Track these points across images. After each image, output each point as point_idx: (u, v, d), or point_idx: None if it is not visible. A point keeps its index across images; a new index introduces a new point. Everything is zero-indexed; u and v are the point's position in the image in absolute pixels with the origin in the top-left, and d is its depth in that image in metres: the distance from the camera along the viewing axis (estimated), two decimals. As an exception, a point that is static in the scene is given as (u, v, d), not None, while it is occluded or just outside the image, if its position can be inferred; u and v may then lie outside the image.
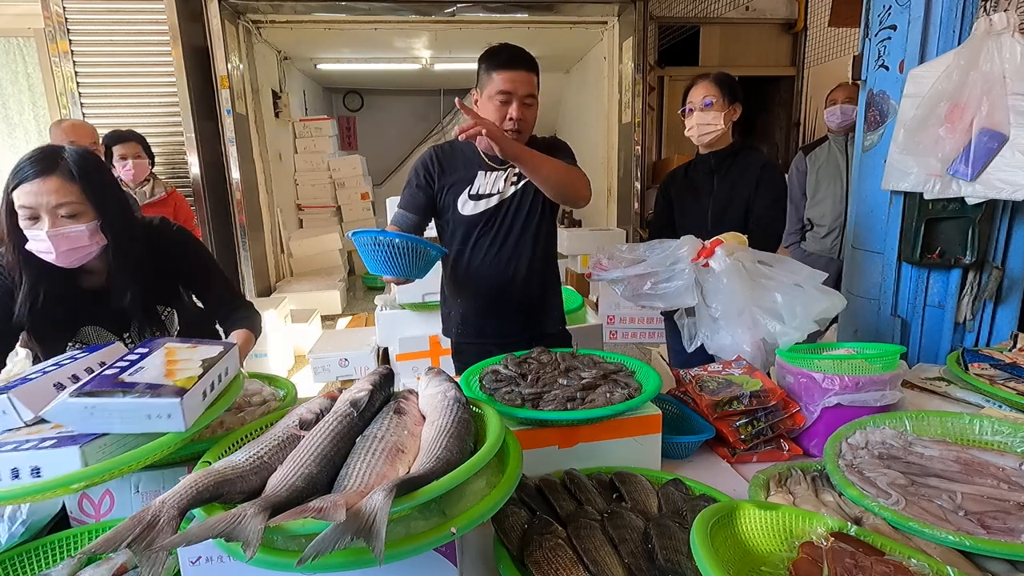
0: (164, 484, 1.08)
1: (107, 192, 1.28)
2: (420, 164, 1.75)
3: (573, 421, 1.15)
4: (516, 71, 1.60)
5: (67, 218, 1.22)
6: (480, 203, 1.72)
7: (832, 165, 3.14)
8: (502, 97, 1.60)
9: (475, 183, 1.72)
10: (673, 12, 5.53)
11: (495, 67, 1.60)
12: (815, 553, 0.76)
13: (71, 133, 2.47)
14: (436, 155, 1.74)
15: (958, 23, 1.85)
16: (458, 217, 1.73)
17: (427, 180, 1.73)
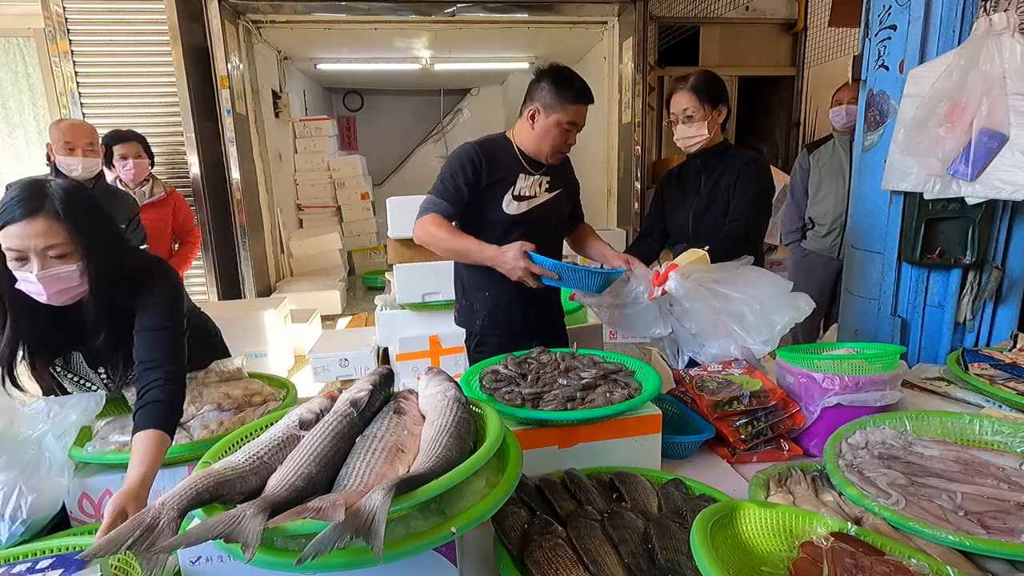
0: (164, 485, 1.08)
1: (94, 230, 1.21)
2: (466, 160, 1.75)
3: (573, 421, 1.15)
4: (586, 105, 1.73)
5: (56, 259, 1.16)
6: (523, 204, 1.80)
7: (835, 164, 3.11)
8: (569, 127, 1.72)
9: (517, 184, 1.79)
10: (673, 12, 5.52)
11: (571, 99, 1.68)
12: (815, 553, 0.76)
13: (68, 133, 2.46)
14: (481, 152, 1.76)
15: (958, 23, 1.85)
16: (502, 215, 1.79)
17: (475, 177, 1.74)
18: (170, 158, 4.36)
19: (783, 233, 3.46)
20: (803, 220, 3.27)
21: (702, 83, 1.95)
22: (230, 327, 3.41)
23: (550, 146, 1.75)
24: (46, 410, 1.16)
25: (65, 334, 1.30)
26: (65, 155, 2.46)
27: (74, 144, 2.45)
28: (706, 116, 1.96)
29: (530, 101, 1.74)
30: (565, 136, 1.74)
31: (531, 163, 1.81)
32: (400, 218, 2.73)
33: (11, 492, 1.01)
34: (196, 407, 1.26)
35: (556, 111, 1.70)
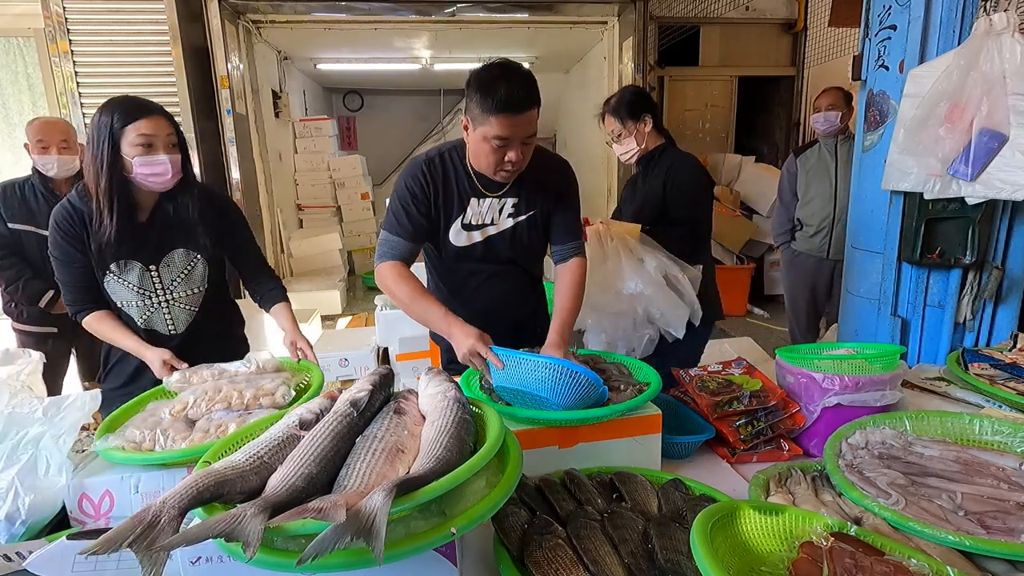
0: (164, 484, 1.08)
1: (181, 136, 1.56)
2: (413, 183, 1.52)
3: (573, 421, 1.15)
4: (517, 115, 1.34)
5: (172, 147, 1.51)
6: (475, 234, 1.56)
7: (821, 167, 3.25)
8: (498, 143, 1.37)
9: (468, 211, 1.55)
10: (673, 12, 5.53)
11: (494, 108, 1.33)
12: (815, 553, 0.76)
13: (41, 131, 2.42)
14: (428, 172, 1.53)
15: (958, 23, 1.85)
16: (448, 246, 1.58)
17: (424, 202, 1.53)
18: (170, 158, 4.35)
19: (774, 235, 3.60)
20: (792, 222, 3.40)
21: (620, 103, 2.07)
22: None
23: (485, 165, 1.45)
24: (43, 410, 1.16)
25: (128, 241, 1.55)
26: (39, 154, 2.42)
27: (48, 142, 2.41)
28: (631, 132, 2.06)
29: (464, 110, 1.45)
30: (498, 153, 1.40)
31: (487, 183, 1.52)
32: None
33: (8, 493, 1.00)
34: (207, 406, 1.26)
35: (480, 123, 1.37)
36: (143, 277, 1.58)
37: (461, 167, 1.54)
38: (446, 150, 1.57)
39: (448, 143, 1.59)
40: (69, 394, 1.22)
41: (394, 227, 1.54)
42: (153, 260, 1.59)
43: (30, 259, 2.50)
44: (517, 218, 1.57)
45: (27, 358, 2.21)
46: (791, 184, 3.37)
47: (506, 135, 1.36)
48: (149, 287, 1.59)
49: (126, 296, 1.58)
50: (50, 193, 2.49)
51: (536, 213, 1.58)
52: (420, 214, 1.53)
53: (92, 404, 1.20)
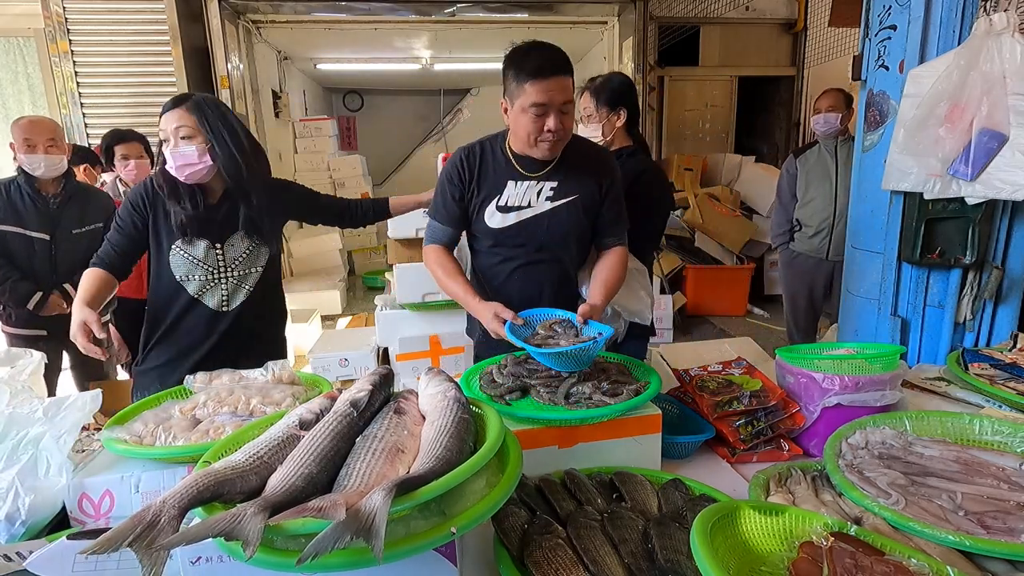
0: (164, 484, 1.08)
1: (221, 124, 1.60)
2: (450, 168, 1.61)
3: (573, 421, 1.15)
4: (550, 79, 1.40)
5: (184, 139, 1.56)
6: (509, 216, 1.58)
7: (821, 167, 3.25)
8: (536, 110, 1.43)
9: (504, 193, 1.58)
10: (673, 12, 5.53)
11: (525, 76, 1.41)
12: (815, 553, 0.76)
13: (28, 130, 2.39)
14: (465, 159, 1.60)
15: (958, 23, 1.85)
16: (485, 228, 1.61)
17: (460, 187, 1.60)
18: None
19: (772, 236, 3.59)
20: (791, 223, 3.40)
21: (602, 86, 1.94)
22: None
23: (526, 139, 1.49)
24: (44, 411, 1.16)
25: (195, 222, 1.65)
26: (26, 153, 2.38)
27: (34, 141, 2.37)
28: (602, 118, 1.93)
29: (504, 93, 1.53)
30: (537, 123, 1.44)
31: (527, 165, 1.57)
32: (400, 218, 2.72)
33: (8, 493, 1.00)
34: (214, 407, 1.27)
35: (517, 95, 1.44)
36: (208, 253, 1.68)
37: (500, 152, 1.61)
38: (487, 139, 1.64)
39: (489, 135, 1.66)
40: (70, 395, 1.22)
41: (434, 212, 1.68)
42: (219, 239, 1.69)
43: (17, 261, 2.47)
44: (556, 201, 1.58)
45: (28, 358, 2.21)
46: (790, 185, 3.37)
47: (543, 100, 1.42)
48: (213, 263, 1.69)
49: (188, 269, 1.68)
50: (36, 193, 2.45)
51: (578, 199, 1.59)
52: (455, 200, 1.62)
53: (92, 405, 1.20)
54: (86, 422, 1.19)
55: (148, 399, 1.37)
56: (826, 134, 3.17)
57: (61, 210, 2.50)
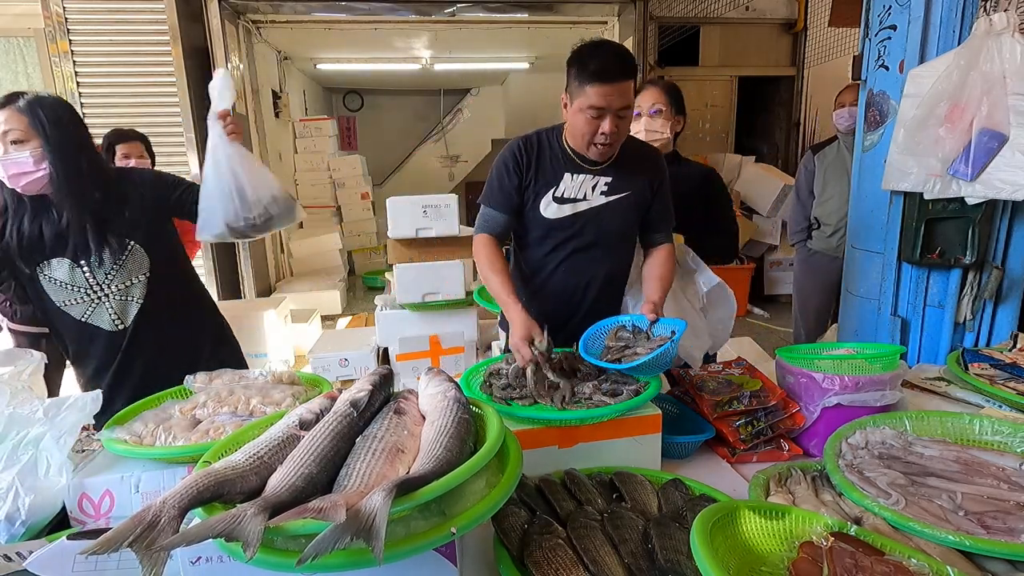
0: (164, 484, 1.08)
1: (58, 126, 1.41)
2: (508, 157, 1.61)
3: (573, 421, 1.15)
4: (611, 84, 1.40)
5: (14, 144, 1.37)
6: (565, 207, 1.60)
7: (840, 165, 3.15)
8: (593, 112, 1.44)
9: (560, 184, 1.59)
10: (673, 12, 5.53)
11: (586, 78, 1.41)
12: (815, 553, 0.76)
13: None
14: (524, 147, 1.61)
15: (958, 23, 1.85)
16: (538, 218, 1.61)
17: (517, 175, 1.60)
18: (170, 158, 4.35)
19: (789, 233, 3.52)
20: (808, 220, 3.32)
21: (673, 88, 1.98)
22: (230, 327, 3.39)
23: (580, 138, 1.51)
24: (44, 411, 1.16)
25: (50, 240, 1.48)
26: None
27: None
28: (671, 117, 1.97)
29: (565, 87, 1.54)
30: (592, 124, 1.46)
31: (584, 159, 1.58)
32: (400, 218, 2.73)
33: (8, 494, 1.00)
34: (214, 407, 1.27)
35: (577, 95, 1.46)
36: (73, 273, 1.50)
37: (557, 144, 1.62)
38: (544, 131, 1.65)
39: (546, 127, 1.67)
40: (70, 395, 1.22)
41: (488, 199, 1.64)
42: (81, 256, 1.50)
43: None
44: (609, 196, 1.61)
45: (29, 358, 2.21)
46: (808, 181, 3.28)
47: (601, 104, 1.42)
48: (83, 283, 1.51)
49: (62, 295, 1.51)
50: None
51: (630, 195, 1.62)
52: (513, 186, 1.60)
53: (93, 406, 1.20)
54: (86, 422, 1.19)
55: (148, 399, 1.36)
56: (849, 129, 3.04)
57: None
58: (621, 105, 1.44)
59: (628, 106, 1.46)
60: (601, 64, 1.41)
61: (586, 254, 1.64)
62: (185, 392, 1.38)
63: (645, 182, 1.63)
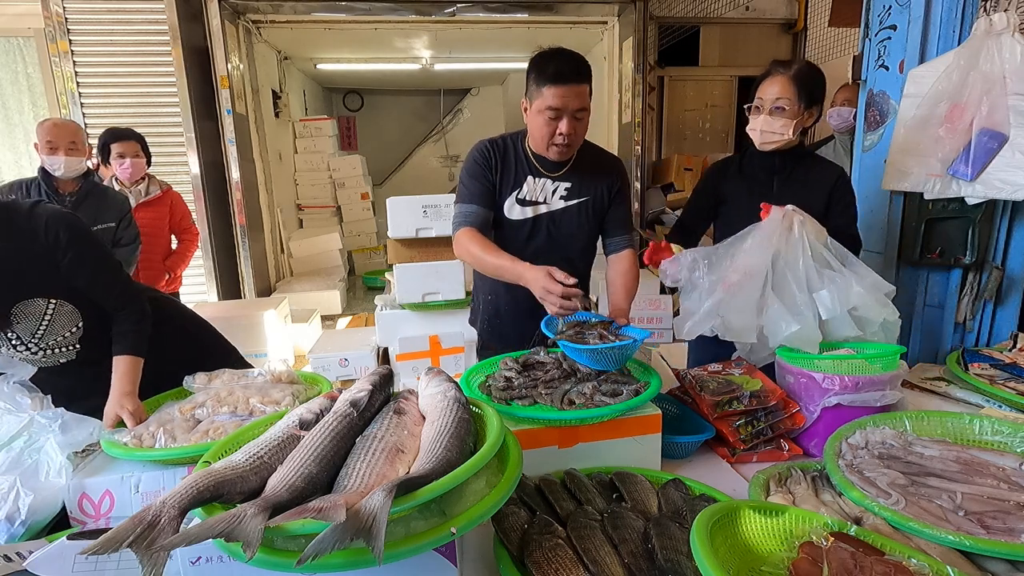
0: (164, 484, 1.08)
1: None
2: (477, 156, 1.66)
3: (573, 421, 1.15)
4: (566, 85, 1.47)
5: None
6: (527, 209, 1.66)
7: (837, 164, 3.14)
8: (551, 113, 1.50)
9: (524, 187, 1.65)
10: (673, 12, 5.52)
11: (543, 80, 1.48)
12: (815, 553, 0.76)
13: (51, 132, 2.45)
14: (491, 148, 1.66)
15: (958, 23, 1.85)
16: (502, 218, 1.67)
17: (487, 171, 1.65)
18: (170, 158, 4.36)
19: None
20: None
21: (806, 75, 1.65)
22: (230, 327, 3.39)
23: (539, 140, 1.57)
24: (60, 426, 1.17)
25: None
26: (48, 154, 2.45)
27: (56, 144, 2.44)
28: (797, 114, 1.66)
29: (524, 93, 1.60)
30: (551, 126, 1.51)
31: (545, 164, 1.65)
32: (400, 218, 2.73)
33: (9, 494, 1.01)
34: (214, 406, 1.27)
35: (535, 98, 1.52)
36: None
37: (521, 148, 1.67)
38: (510, 135, 1.70)
39: (512, 132, 1.71)
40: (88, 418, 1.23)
41: (464, 196, 1.67)
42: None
43: None
44: (568, 201, 1.67)
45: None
46: None
47: (557, 105, 1.49)
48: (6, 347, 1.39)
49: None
50: (54, 192, 2.51)
51: (589, 201, 1.68)
52: (488, 180, 1.65)
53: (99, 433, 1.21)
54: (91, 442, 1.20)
55: (147, 401, 1.37)
56: (841, 128, 3.07)
57: (75, 208, 2.53)
58: (577, 106, 1.50)
59: (583, 108, 1.52)
60: (557, 67, 1.47)
61: (546, 256, 1.64)
62: (185, 393, 1.38)
63: (603, 187, 1.68)
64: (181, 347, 1.66)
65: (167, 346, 1.54)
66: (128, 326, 1.44)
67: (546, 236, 1.68)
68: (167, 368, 1.45)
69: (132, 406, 1.29)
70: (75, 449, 1.15)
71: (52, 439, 1.12)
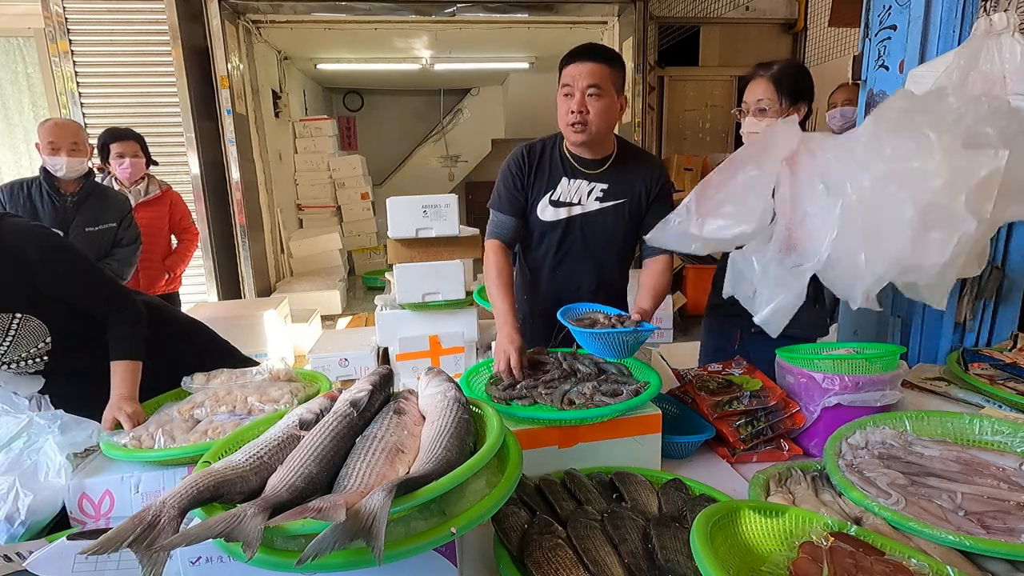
0: (164, 484, 1.08)
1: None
2: (512, 162, 1.68)
3: (573, 421, 1.15)
4: (578, 63, 1.52)
5: None
6: (561, 210, 1.66)
7: None
8: (565, 90, 1.54)
9: (558, 188, 1.65)
10: (673, 12, 5.52)
11: (562, 64, 1.55)
12: (815, 553, 0.76)
13: (53, 133, 2.45)
14: (525, 154, 1.67)
15: (958, 23, 1.85)
16: (536, 220, 1.68)
17: (520, 179, 1.66)
18: (170, 158, 4.36)
19: None
20: None
21: (785, 74, 1.68)
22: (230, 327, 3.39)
23: (561, 122, 1.58)
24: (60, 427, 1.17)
25: None
26: (49, 155, 2.44)
27: (58, 144, 2.43)
28: (781, 112, 1.68)
29: None
30: (565, 104, 1.55)
31: (583, 164, 1.64)
32: (400, 218, 2.73)
33: (9, 494, 1.01)
34: (212, 406, 1.27)
35: (558, 83, 1.56)
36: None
37: (557, 150, 1.67)
38: (547, 138, 1.70)
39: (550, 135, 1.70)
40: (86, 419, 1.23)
41: (496, 203, 1.70)
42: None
43: None
44: (604, 203, 1.65)
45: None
46: None
47: (568, 82, 1.52)
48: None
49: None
50: (55, 192, 2.50)
51: (626, 204, 1.66)
52: (517, 189, 1.66)
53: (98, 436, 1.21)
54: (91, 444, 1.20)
55: (147, 403, 1.36)
56: (842, 129, 3.01)
57: (77, 208, 2.53)
58: (589, 82, 1.50)
59: (595, 85, 1.51)
60: (573, 50, 1.53)
61: (577, 258, 1.68)
62: (183, 393, 1.38)
63: (641, 189, 1.66)
64: (180, 350, 1.65)
65: (165, 350, 1.53)
66: (123, 329, 1.42)
67: (579, 237, 1.67)
68: (164, 371, 1.45)
69: (130, 409, 1.29)
70: (74, 450, 1.15)
71: (51, 440, 1.12)
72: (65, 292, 1.39)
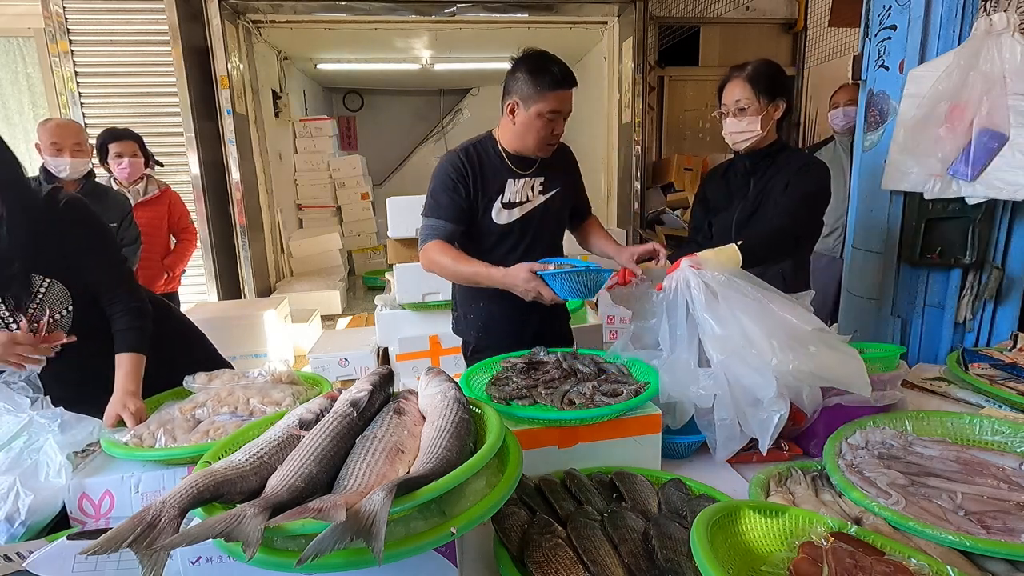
0: (164, 484, 1.08)
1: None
2: (451, 170, 1.67)
3: (573, 421, 1.15)
4: (568, 90, 1.59)
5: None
6: (514, 211, 1.71)
7: (836, 165, 3.11)
8: (551, 115, 1.59)
9: (506, 191, 1.70)
10: (673, 12, 5.52)
11: (550, 85, 1.55)
12: (815, 553, 0.76)
13: (55, 133, 2.44)
14: (464, 160, 1.67)
15: (958, 23, 1.85)
16: (491, 225, 1.71)
17: (463, 186, 1.66)
18: (170, 158, 4.36)
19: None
20: None
21: (760, 73, 1.71)
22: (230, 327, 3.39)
23: (535, 140, 1.62)
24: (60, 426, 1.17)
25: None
26: (52, 155, 2.43)
27: (61, 144, 2.42)
28: (760, 110, 1.71)
29: (508, 95, 1.62)
30: (550, 127, 1.61)
31: (520, 164, 1.70)
32: (400, 218, 2.73)
33: (9, 494, 1.01)
34: (214, 406, 1.27)
35: (536, 101, 1.57)
36: None
37: (494, 153, 1.71)
38: (475, 142, 1.73)
39: (471, 139, 1.75)
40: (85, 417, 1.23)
41: (434, 211, 1.69)
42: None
43: None
44: (546, 194, 1.76)
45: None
46: None
47: (558, 108, 1.59)
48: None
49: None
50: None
51: (559, 190, 1.78)
52: (460, 196, 1.67)
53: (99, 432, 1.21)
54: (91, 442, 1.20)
55: (148, 400, 1.37)
56: (844, 129, 3.02)
57: None
58: (570, 109, 1.64)
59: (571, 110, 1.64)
60: (560, 73, 1.57)
61: (534, 250, 1.73)
62: (185, 393, 1.39)
63: (567, 175, 1.82)
64: (178, 350, 1.66)
65: (164, 348, 1.53)
66: (129, 321, 1.44)
67: (534, 232, 1.76)
68: (162, 370, 1.45)
69: (134, 406, 1.29)
70: (75, 449, 1.15)
71: (51, 439, 1.12)
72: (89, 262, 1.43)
